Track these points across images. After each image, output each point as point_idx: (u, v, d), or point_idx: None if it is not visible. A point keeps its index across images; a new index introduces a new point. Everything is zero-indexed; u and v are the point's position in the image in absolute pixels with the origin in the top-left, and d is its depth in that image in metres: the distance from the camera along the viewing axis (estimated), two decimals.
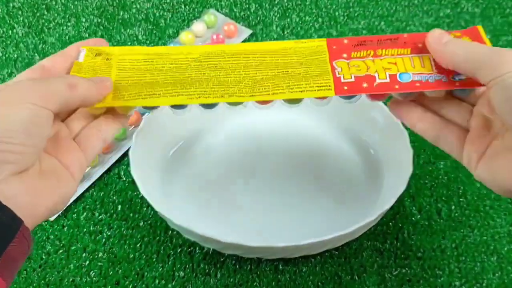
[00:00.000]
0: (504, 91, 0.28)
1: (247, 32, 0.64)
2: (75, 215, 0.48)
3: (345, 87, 0.33)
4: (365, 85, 0.33)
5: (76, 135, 0.33)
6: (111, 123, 0.34)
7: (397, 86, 0.33)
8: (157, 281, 0.44)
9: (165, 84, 0.34)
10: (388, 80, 0.33)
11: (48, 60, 0.34)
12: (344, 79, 0.33)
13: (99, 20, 0.66)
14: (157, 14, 0.67)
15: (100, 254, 0.45)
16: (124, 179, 0.51)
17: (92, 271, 0.44)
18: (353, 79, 0.33)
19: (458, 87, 0.33)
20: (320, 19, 0.66)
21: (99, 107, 0.33)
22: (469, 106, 0.34)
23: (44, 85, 0.29)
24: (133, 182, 0.50)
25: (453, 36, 0.34)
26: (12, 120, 0.27)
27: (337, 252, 0.45)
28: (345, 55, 0.34)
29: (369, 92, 0.33)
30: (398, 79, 0.33)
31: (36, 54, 0.62)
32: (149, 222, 0.47)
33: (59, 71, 0.34)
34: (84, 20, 0.67)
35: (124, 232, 0.47)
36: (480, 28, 0.34)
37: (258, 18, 0.66)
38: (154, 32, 0.65)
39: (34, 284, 0.43)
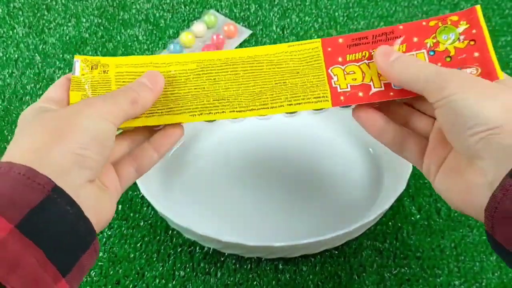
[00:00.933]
0: (448, 115, 0.29)
1: (247, 32, 0.64)
2: None
3: (342, 98, 0.34)
4: (360, 94, 0.34)
5: (115, 160, 0.34)
6: (146, 154, 0.34)
7: (392, 94, 0.33)
8: (157, 281, 0.44)
9: (166, 101, 0.34)
10: (382, 88, 0.34)
11: (56, 90, 0.33)
12: (340, 89, 0.34)
13: (99, 20, 0.67)
14: (157, 14, 0.67)
15: (101, 254, 0.45)
16: None
17: (92, 271, 0.44)
18: (349, 89, 0.34)
19: None
20: (320, 20, 0.66)
21: None
22: (431, 118, 0.34)
23: (112, 102, 0.30)
24: None
25: (450, 22, 0.34)
26: (90, 131, 0.28)
27: (336, 252, 0.45)
28: (340, 59, 0.35)
29: (365, 101, 0.34)
30: (392, 86, 0.34)
31: (36, 54, 0.63)
32: (149, 221, 0.47)
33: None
34: (84, 20, 0.67)
35: (125, 231, 0.47)
36: (478, 8, 0.34)
37: (258, 19, 0.67)
38: (154, 32, 0.65)
39: None
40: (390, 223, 0.47)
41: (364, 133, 0.51)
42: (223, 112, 0.34)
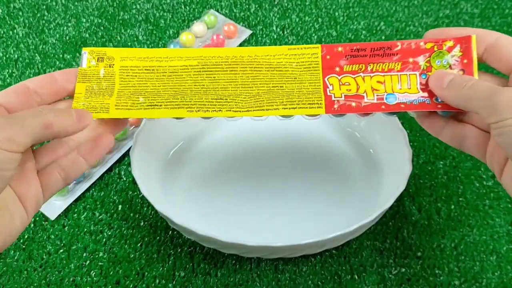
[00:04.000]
0: (503, 138, 0.29)
1: (247, 32, 0.64)
2: (76, 215, 0.48)
3: (335, 106, 0.35)
4: (353, 104, 0.35)
5: (41, 168, 0.32)
6: (75, 163, 0.33)
7: (383, 107, 0.35)
8: (157, 281, 0.44)
9: (166, 94, 0.35)
10: (375, 100, 0.35)
11: (33, 81, 0.33)
12: (334, 97, 0.35)
13: (99, 20, 0.67)
14: (157, 14, 0.67)
15: (101, 254, 0.45)
16: (125, 179, 0.51)
17: (92, 271, 0.44)
18: (343, 98, 0.35)
19: (440, 109, 0.35)
20: (320, 20, 0.66)
21: (102, 118, 0.35)
22: None
23: (17, 125, 0.27)
24: (133, 182, 0.50)
25: (445, 47, 0.35)
26: None
27: (337, 252, 0.45)
28: (337, 69, 0.36)
29: (358, 112, 0.35)
30: (385, 100, 0.35)
31: (36, 54, 0.63)
32: (149, 222, 0.47)
33: (43, 97, 0.33)
34: (84, 20, 0.67)
35: (125, 232, 0.47)
36: (473, 38, 0.34)
37: (258, 19, 0.67)
38: (154, 32, 0.65)
39: (35, 284, 0.44)
40: (390, 223, 0.47)
41: (365, 134, 0.51)
42: (220, 110, 0.35)
